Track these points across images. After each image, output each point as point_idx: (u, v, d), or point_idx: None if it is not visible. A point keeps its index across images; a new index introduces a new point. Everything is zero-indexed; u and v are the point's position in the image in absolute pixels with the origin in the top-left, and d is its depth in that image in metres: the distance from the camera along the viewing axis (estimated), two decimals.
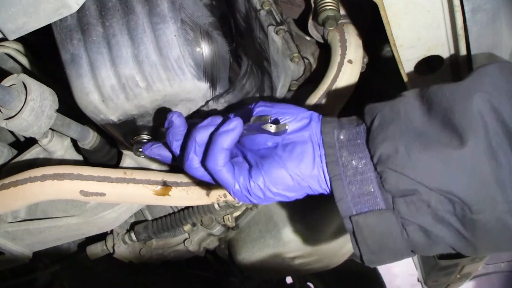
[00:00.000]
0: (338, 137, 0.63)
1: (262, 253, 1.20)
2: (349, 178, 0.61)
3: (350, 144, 0.62)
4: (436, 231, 0.57)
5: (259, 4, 0.96)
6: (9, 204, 0.89)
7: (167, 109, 0.78)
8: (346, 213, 0.61)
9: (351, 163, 0.61)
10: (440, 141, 0.54)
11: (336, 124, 0.65)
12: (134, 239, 1.19)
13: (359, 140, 0.61)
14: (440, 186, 0.55)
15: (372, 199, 0.60)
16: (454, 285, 1.97)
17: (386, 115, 0.60)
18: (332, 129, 0.64)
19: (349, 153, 0.61)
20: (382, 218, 0.59)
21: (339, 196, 0.61)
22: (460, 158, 0.53)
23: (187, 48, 0.70)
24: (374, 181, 0.59)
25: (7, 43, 0.98)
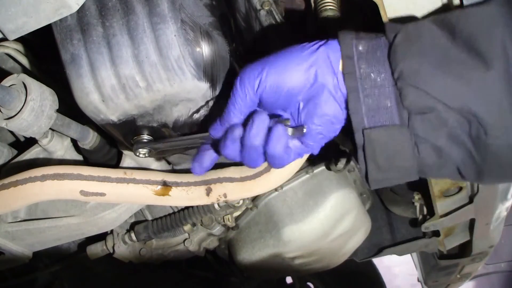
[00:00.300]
0: (356, 48, 0.60)
1: (262, 253, 1.20)
2: (366, 90, 0.59)
3: (369, 56, 0.59)
4: (448, 150, 0.57)
5: (259, 4, 0.96)
6: (9, 204, 0.89)
7: (167, 109, 0.78)
8: (359, 126, 0.59)
9: (370, 75, 0.58)
10: (464, 64, 0.54)
11: (354, 35, 0.61)
12: (134, 239, 1.19)
13: (379, 53, 0.59)
14: (460, 105, 0.54)
15: (388, 114, 0.58)
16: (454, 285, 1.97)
17: (411, 33, 0.57)
18: (351, 40, 0.60)
19: (368, 65, 0.59)
20: (396, 133, 0.58)
21: (354, 108, 0.59)
22: (483, 81, 0.52)
23: (187, 48, 0.70)
24: (393, 96, 0.58)
25: (7, 43, 0.98)
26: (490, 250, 1.55)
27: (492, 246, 1.53)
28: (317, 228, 1.16)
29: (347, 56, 0.60)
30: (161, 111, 0.78)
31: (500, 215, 1.34)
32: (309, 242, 1.18)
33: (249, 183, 0.95)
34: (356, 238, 1.30)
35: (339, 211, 1.17)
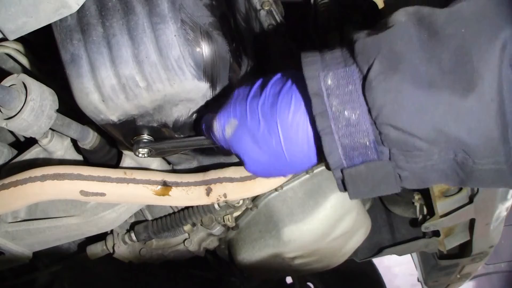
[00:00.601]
0: (325, 82, 0.54)
1: (262, 253, 1.20)
2: (341, 130, 0.54)
3: (340, 91, 0.53)
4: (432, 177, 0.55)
5: (259, 4, 0.96)
6: (9, 204, 0.89)
7: (167, 109, 0.78)
8: (337, 166, 0.57)
9: (343, 113, 0.53)
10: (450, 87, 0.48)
11: (320, 64, 0.55)
12: (134, 239, 1.19)
13: (351, 86, 0.53)
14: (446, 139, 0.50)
15: (366, 151, 0.54)
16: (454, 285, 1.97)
17: (387, 62, 0.51)
18: (317, 72, 0.54)
19: (340, 102, 0.53)
20: (378, 167, 0.55)
21: (329, 150, 0.55)
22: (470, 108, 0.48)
23: (187, 48, 0.70)
24: (371, 134, 0.53)
25: (7, 43, 0.98)
26: (490, 250, 1.55)
27: (492, 246, 1.53)
28: (317, 228, 1.16)
29: (315, 94, 0.54)
30: (161, 111, 0.78)
31: (500, 215, 1.34)
32: (309, 242, 1.18)
33: (249, 183, 0.95)
34: (356, 238, 1.30)
35: (339, 211, 1.17)
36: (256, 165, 0.65)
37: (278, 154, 0.61)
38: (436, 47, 0.50)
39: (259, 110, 0.61)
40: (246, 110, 0.62)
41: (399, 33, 0.52)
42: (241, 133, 0.63)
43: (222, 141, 0.66)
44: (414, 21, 0.52)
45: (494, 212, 1.29)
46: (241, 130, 0.63)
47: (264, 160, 0.62)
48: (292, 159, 0.60)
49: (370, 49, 0.52)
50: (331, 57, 0.56)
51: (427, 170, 0.54)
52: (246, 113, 0.62)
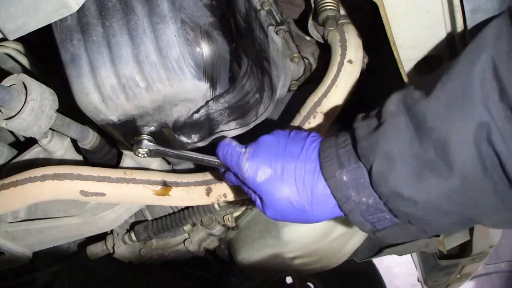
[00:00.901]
0: (341, 179, 0.66)
1: (262, 253, 1.20)
2: (363, 211, 0.66)
3: (355, 184, 0.66)
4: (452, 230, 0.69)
5: (259, 4, 0.96)
6: (9, 204, 0.89)
7: (167, 109, 0.78)
8: (371, 232, 0.69)
9: (362, 200, 0.66)
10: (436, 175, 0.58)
11: (336, 164, 0.67)
12: (134, 239, 1.19)
13: (363, 179, 0.65)
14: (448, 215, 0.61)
15: (390, 220, 0.66)
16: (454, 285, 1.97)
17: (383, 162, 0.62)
18: (334, 172, 0.67)
19: (357, 193, 0.66)
20: (405, 227, 0.67)
21: (360, 224, 0.68)
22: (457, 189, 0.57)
23: (187, 48, 0.70)
24: (387, 211, 0.65)
25: (7, 43, 0.98)
26: (490, 250, 1.55)
27: (492, 246, 1.53)
28: (317, 228, 1.16)
29: (335, 188, 0.67)
30: (161, 111, 0.78)
31: None
32: (309, 242, 1.18)
33: None
34: (356, 238, 1.30)
35: None
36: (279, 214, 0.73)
37: (304, 212, 0.71)
38: (422, 141, 0.59)
39: (295, 172, 0.70)
40: (283, 167, 0.71)
41: (390, 131, 0.62)
42: (275, 184, 0.71)
43: (251, 181, 0.73)
44: (403, 110, 0.62)
45: None
46: (275, 182, 0.71)
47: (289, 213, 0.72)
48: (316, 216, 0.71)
49: (369, 152, 0.64)
50: (344, 153, 0.68)
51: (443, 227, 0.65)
52: (282, 170, 0.71)
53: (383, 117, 0.64)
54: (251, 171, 0.73)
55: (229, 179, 0.81)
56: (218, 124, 0.85)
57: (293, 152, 0.72)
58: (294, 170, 0.70)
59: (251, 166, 0.73)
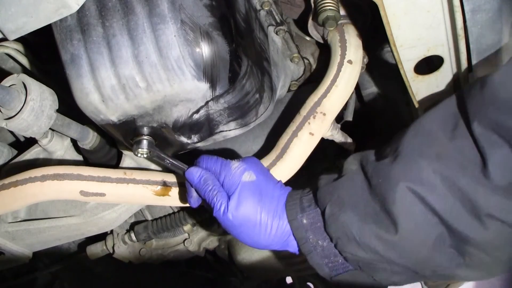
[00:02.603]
0: (301, 221, 0.74)
1: (262, 253, 1.20)
2: (319, 254, 0.73)
3: (313, 228, 0.73)
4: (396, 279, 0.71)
5: (259, 4, 0.96)
6: (9, 204, 0.88)
7: (167, 109, 0.78)
8: (327, 277, 0.75)
9: (318, 242, 0.72)
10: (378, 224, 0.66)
11: (299, 208, 0.75)
12: (134, 239, 1.19)
13: (319, 223, 0.73)
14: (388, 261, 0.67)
15: (344, 265, 0.72)
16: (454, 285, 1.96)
17: (334, 206, 0.70)
18: (296, 215, 0.74)
19: (314, 235, 0.73)
20: (355, 275, 0.73)
21: (317, 266, 0.74)
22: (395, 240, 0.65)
23: (187, 49, 0.70)
24: (339, 255, 0.72)
25: (7, 43, 0.98)
26: None
27: None
28: None
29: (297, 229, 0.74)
30: (161, 111, 0.78)
31: None
32: None
33: None
34: None
35: None
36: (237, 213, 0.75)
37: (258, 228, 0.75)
38: (370, 193, 0.68)
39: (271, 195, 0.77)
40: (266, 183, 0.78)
41: (346, 183, 0.72)
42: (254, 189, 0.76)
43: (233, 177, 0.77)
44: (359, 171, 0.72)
45: None
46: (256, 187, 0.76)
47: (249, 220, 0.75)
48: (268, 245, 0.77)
49: (325, 196, 0.73)
50: (306, 200, 0.76)
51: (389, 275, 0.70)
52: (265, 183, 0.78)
53: (343, 172, 0.74)
54: (239, 169, 0.77)
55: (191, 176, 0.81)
56: (218, 124, 0.85)
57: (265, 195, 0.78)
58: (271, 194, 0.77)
59: (240, 165, 0.78)
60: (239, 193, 0.75)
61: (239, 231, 0.76)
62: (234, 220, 0.74)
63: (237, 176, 0.77)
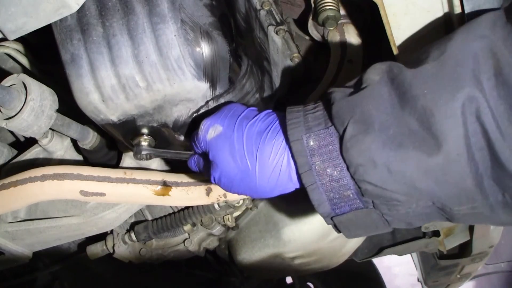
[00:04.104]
0: (307, 143, 0.60)
1: (262, 253, 1.20)
2: (325, 185, 0.60)
3: (322, 151, 0.59)
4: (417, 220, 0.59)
5: (259, 4, 0.96)
6: (9, 204, 0.89)
7: (167, 109, 0.78)
8: (327, 215, 0.63)
9: (326, 171, 0.59)
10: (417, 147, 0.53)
11: (303, 127, 0.61)
12: (134, 239, 1.19)
13: (331, 146, 0.59)
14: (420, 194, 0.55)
15: (352, 201, 0.60)
16: (454, 285, 1.97)
17: (359, 125, 0.56)
18: (300, 134, 0.61)
19: (322, 161, 0.59)
20: (364, 214, 0.60)
21: (317, 202, 0.62)
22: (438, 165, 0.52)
23: (187, 48, 0.70)
24: (352, 188, 0.59)
25: (7, 43, 0.98)
26: (490, 250, 1.55)
27: (492, 246, 1.53)
28: (317, 228, 1.16)
29: (299, 153, 0.60)
30: (161, 111, 0.78)
31: None
32: (309, 242, 1.18)
33: None
34: (356, 238, 1.30)
35: None
36: (224, 176, 0.69)
37: (249, 175, 0.66)
38: (405, 109, 0.54)
39: (246, 129, 0.67)
40: (235, 123, 0.68)
41: (371, 96, 0.57)
42: (222, 141, 0.68)
43: (202, 141, 0.71)
44: (386, 80, 0.57)
45: None
46: (224, 138, 0.68)
47: (234, 174, 0.67)
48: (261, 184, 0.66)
49: (345, 112, 0.58)
50: (313, 118, 0.62)
51: (409, 215, 0.58)
52: (233, 126, 0.68)
53: (364, 84, 0.58)
54: (203, 130, 0.71)
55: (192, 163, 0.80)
56: None
57: (249, 115, 0.69)
58: (245, 128, 0.66)
59: (204, 124, 0.71)
60: (212, 157, 0.68)
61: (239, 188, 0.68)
62: (224, 183, 0.69)
63: (203, 139, 0.70)
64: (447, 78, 0.52)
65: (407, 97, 0.54)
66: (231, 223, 1.17)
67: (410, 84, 0.54)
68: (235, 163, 0.66)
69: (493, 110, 0.49)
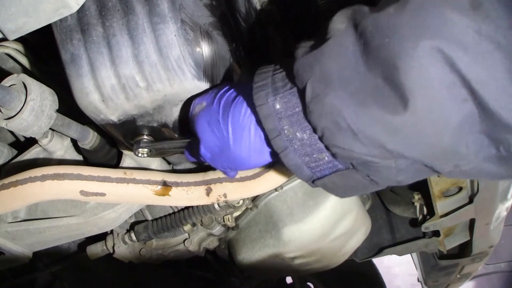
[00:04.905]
0: (274, 107, 0.56)
1: (262, 253, 1.20)
2: (298, 150, 0.56)
3: (288, 114, 0.55)
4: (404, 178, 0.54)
5: (259, 4, 0.96)
6: (9, 204, 0.89)
7: (167, 109, 0.78)
8: (309, 179, 0.59)
9: (296, 135, 0.55)
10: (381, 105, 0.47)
11: (270, 88, 0.57)
12: (134, 239, 1.19)
13: (298, 108, 0.55)
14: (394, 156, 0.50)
15: (329, 163, 0.56)
16: (454, 285, 1.97)
17: (318, 84, 0.51)
18: (266, 98, 0.56)
19: (290, 125, 0.55)
20: (347, 176, 0.56)
21: (294, 167, 0.58)
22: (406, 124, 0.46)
23: (187, 48, 0.70)
24: (325, 151, 0.55)
25: (7, 43, 0.98)
26: (490, 250, 1.55)
27: (492, 246, 1.53)
28: (317, 228, 1.16)
29: (266, 117, 0.57)
30: (161, 111, 0.78)
31: (500, 215, 1.34)
32: (309, 242, 1.18)
33: (249, 183, 0.95)
34: (356, 238, 1.30)
35: (339, 211, 1.17)
36: (206, 147, 0.68)
37: (226, 144, 0.64)
38: (368, 62, 0.48)
39: (222, 101, 0.66)
40: (217, 96, 0.68)
41: (334, 49, 0.51)
42: (203, 114, 0.68)
43: (189, 117, 0.72)
44: (351, 29, 0.50)
45: (494, 212, 1.29)
46: (204, 112, 0.68)
47: (214, 145, 0.67)
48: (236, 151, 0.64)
49: (304, 71, 0.52)
50: (280, 78, 0.57)
51: (394, 175, 0.53)
52: (213, 100, 0.67)
53: (328, 35, 0.52)
54: (191, 108, 0.71)
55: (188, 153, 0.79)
56: None
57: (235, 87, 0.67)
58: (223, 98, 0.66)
59: (193, 103, 0.72)
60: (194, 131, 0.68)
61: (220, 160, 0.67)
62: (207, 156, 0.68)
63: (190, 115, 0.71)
64: (410, 22, 0.45)
65: (369, 48, 0.47)
66: (231, 223, 1.17)
67: (371, 32, 0.47)
68: (212, 132, 0.65)
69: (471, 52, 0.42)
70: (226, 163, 0.68)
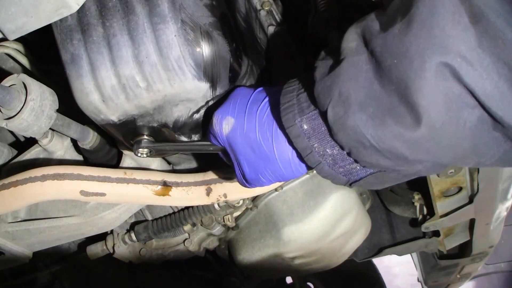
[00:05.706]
0: (301, 127, 0.59)
1: (262, 253, 1.20)
2: (330, 163, 0.60)
3: (316, 133, 0.59)
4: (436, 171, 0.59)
5: (259, 4, 0.96)
6: (9, 204, 0.89)
7: (167, 109, 0.78)
8: (346, 184, 0.63)
9: (326, 151, 0.59)
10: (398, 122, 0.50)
11: (296, 109, 0.60)
12: (134, 239, 1.19)
13: (323, 128, 0.58)
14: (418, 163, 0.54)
15: (363, 169, 0.60)
16: (454, 285, 1.97)
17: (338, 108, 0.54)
18: (294, 119, 0.60)
19: (319, 143, 0.59)
20: (381, 176, 0.60)
21: (331, 178, 0.62)
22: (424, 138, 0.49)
23: (187, 48, 0.70)
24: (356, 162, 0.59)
25: (7, 43, 0.98)
26: (490, 250, 1.55)
27: (492, 246, 1.53)
28: (317, 228, 1.16)
29: (297, 136, 0.60)
30: (161, 111, 0.78)
31: (500, 215, 1.34)
32: (309, 242, 1.18)
33: None
34: (356, 238, 1.30)
35: (339, 211, 1.17)
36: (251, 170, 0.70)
37: (271, 161, 0.67)
38: (382, 81, 0.50)
39: (256, 116, 0.67)
40: (245, 112, 0.68)
41: (349, 70, 0.53)
42: (237, 133, 0.68)
43: (219, 137, 0.72)
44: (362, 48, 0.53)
45: (494, 212, 1.29)
46: (238, 130, 0.68)
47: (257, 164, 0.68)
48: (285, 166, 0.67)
49: (324, 95, 0.55)
50: (304, 99, 0.60)
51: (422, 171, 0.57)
52: (244, 115, 0.68)
53: (342, 55, 0.54)
54: (218, 125, 0.70)
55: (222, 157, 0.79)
56: None
57: (257, 98, 0.68)
58: (256, 115, 0.66)
59: (216, 118, 0.71)
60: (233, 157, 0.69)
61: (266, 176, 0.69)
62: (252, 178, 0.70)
63: (220, 135, 0.70)
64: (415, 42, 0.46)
65: (382, 67, 0.50)
66: (231, 223, 1.17)
67: (381, 53, 0.50)
68: (254, 153, 0.67)
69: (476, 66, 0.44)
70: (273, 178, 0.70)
